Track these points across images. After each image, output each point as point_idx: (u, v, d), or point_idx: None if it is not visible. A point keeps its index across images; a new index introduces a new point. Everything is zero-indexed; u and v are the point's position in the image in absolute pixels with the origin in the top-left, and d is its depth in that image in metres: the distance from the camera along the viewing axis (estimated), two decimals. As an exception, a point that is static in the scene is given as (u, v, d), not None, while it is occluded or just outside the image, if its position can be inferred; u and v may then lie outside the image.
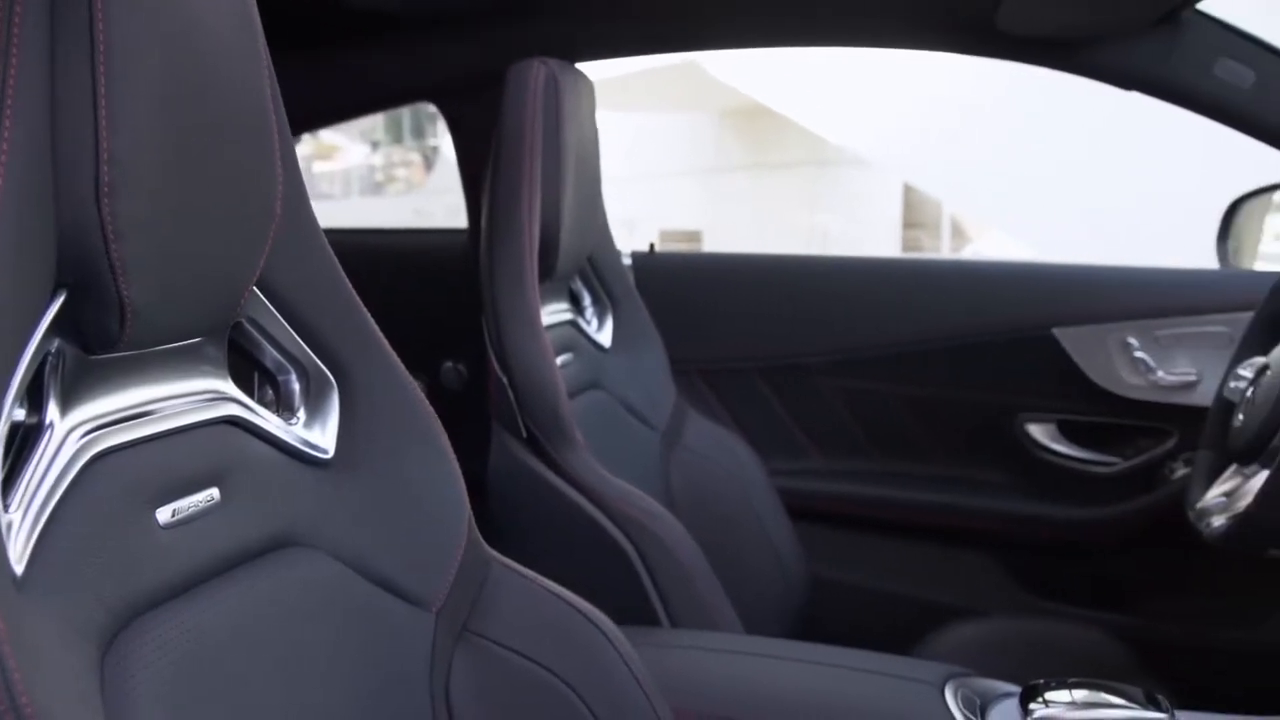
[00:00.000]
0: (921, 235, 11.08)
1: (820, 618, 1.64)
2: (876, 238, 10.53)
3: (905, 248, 10.76)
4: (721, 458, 1.55)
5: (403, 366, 0.83)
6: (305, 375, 0.78)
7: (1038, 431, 1.71)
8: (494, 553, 0.87)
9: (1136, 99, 1.48)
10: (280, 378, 0.78)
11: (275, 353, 0.77)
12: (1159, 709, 0.93)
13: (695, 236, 10.89)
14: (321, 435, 0.79)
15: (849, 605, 1.75)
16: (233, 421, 0.71)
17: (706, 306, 1.81)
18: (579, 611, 0.85)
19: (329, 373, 0.79)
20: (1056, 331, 1.66)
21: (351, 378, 0.80)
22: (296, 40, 1.63)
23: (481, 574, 0.85)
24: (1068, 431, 1.72)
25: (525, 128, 1.27)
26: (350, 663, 0.74)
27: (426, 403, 0.85)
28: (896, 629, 1.56)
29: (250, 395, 0.75)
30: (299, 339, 0.77)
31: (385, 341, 0.82)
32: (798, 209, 11.03)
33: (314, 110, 1.76)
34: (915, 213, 11.01)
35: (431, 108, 1.73)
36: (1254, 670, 1.57)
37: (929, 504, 1.75)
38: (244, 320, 0.74)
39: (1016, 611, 1.69)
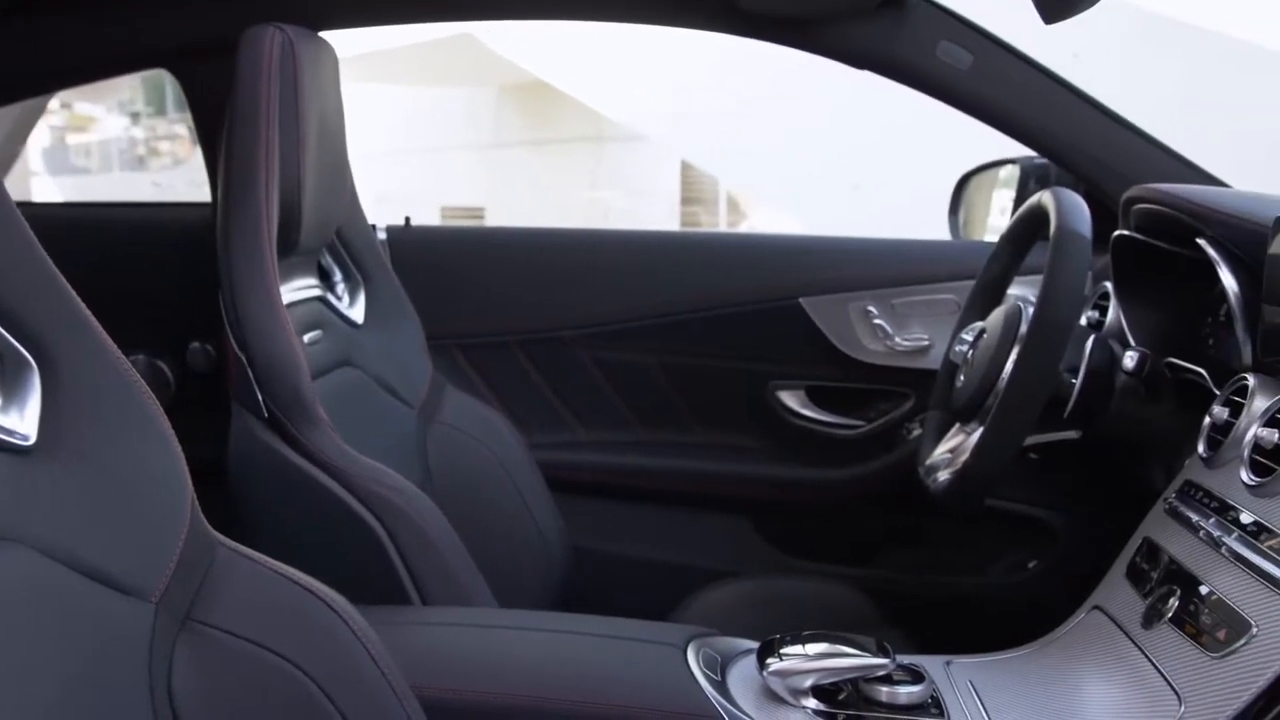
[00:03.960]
0: (700, 211, 11.32)
1: (582, 589, 1.66)
2: (656, 213, 10.69)
3: (684, 223, 10.96)
4: (480, 432, 1.55)
5: (114, 346, 0.78)
6: None
7: (788, 398, 1.79)
8: (221, 537, 0.84)
9: (897, 90, 1.56)
10: (-30, 361, 0.72)
11: None
12: (886, 656, 0.99)
13: (477, 213, 10.77)
14: (20, 421, 0.73)
15: (611, 575, 1.78)
16: None
17: (464, 280, 1.80)
18: (310, 593, 0.83)
19: (27, 354, 0.73)
20: (803, 301, 1.74)
21: (54, 359, 0.74)
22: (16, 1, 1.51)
23: (206, 560, 0.82)
24: (816, 397, 1.80)
25: (260, 97, 1.22)
26: (56, 661, 0.69)
27: (143, 383, 0.80)
28: (657, 595, 1.60)
29: (-64, 381, 0.69)
30: None
31: (94, 320, 0.77)
32: (579, 185, 11.07)
33: (39, 74, 1.64)
34: (693, 189, 11.23)
35: None
36: (982, 612, 1.70)
37: (686, 471, 1.80)
38: None
39: (771, 572, 1.76)
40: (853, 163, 7.00)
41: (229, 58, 1.27)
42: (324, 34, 1.42)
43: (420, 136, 11.57)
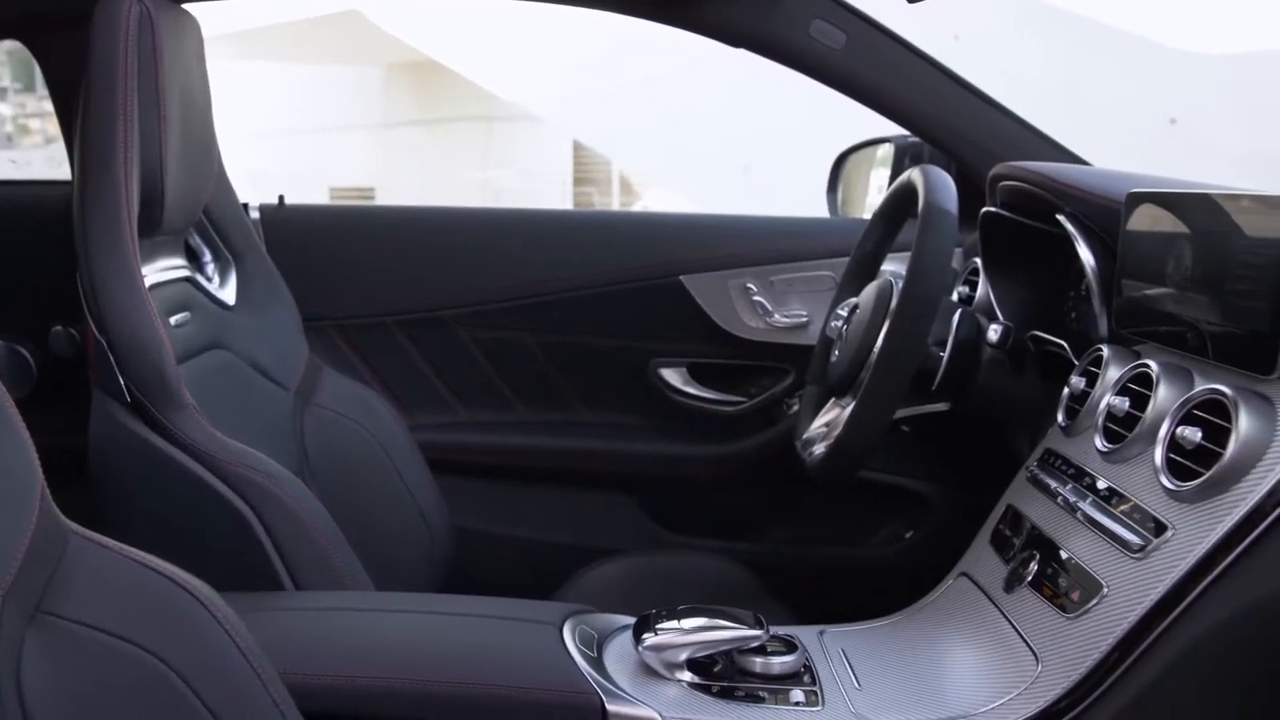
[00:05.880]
0: (593, 191, 11.30)
1: (467, 570, 1.65)
2: (549, 193, 10.64)
3: (577, 203, 10.93)
4: (358, 414, 1.52)
5: None
6: None
7: (670, 375, 1.80)
8: (75, 526, 0.81)
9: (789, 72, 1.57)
10: None
11: None
12: (760, 628, 1.01)
13: (368, 194, 10.58)
14: None
15: (495, 555, 1.77)
16: None
17: (341, 260, 1.76)
18: (170, 580, 0.80)
19: None
20: (684, 279, 1.74)
21: None
22: None
23: (58, 549, 0.79)
24: (697, 374, 1.81)
25: (117, 70, 1.18)
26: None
27: None
28: (541, 574, 1.59)
29: None
30: None
31: None
32: (471, 165, 10.95)
33: None
34: (586, 170, 11.20)
35: None
36: (861, 583, 1.73)
37: (569, 450, 1.80)
38: None
39: (654, 548, 1.77)
40: (744, 145, 7.06)
41: (85, 29, 1.22)
42: (189, 7, 1.38)
43: (309, 116, 11.31)
